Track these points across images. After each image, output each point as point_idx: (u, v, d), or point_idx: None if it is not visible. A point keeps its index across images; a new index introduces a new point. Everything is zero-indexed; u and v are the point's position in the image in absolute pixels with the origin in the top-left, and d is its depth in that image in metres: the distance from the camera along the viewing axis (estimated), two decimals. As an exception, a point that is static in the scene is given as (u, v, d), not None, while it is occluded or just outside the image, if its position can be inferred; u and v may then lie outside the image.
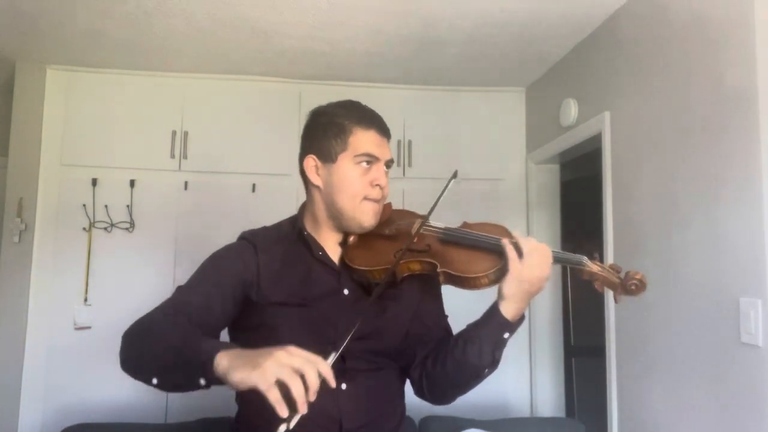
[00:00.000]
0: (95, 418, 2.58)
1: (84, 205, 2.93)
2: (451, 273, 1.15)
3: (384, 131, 1.24)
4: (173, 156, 3.01)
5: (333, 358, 0.92)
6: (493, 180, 3.22)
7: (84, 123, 2.98)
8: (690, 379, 1.87)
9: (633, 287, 1.13)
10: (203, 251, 1.28)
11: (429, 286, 1.28)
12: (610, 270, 1.16)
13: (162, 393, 2.86)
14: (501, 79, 3.16)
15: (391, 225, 1.26)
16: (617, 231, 2.35)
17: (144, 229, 2.97)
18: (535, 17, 2.41)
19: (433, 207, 1.19)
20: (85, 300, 2.89)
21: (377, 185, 1.21)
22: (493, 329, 1.16)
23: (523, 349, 3.16)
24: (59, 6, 2.36)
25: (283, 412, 0.82)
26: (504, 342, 1.17)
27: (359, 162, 1.20)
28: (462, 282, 1.16)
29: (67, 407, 2.79)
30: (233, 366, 0.87)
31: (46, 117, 2.97)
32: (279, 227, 1.31)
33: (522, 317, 1.18)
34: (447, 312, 1.36)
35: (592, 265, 1.16)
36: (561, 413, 3.13)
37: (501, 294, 1.15)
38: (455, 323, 1.31)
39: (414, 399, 1.33)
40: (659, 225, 2.05)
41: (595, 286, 1.18)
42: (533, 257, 1.12)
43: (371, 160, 1.21)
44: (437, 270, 1.16)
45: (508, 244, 1.14)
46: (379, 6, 2.33)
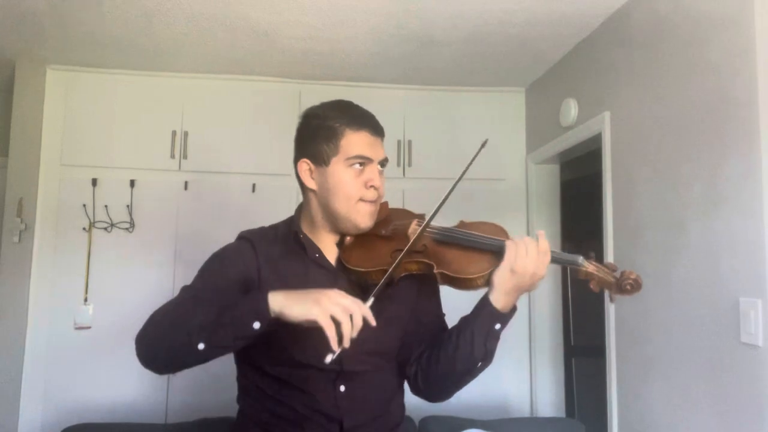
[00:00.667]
0: (95, 418, 2.59)
1: (84, 205, 2.93)
2: (448, 274, 1.15)
3: (376, 131, 1.23)
4: (173, 156, 3.01)
5: (370, 302, 1.04)
6: (493, 180, 3.21)
7: (84, 123, 2.99)
8: (690, 379, 1.87)
9: (628, 287, 1.13)
10: (203, 251, 1.29)
11: (426, 284, 1.28)
12: (605, 269, 1.16)
13: (162, 393, 2.86)
14: (501, 79, 3.16)
15: (388, 225, 1.25)
16: (617, 231, 2.35)
17: (144, 229, 2.97)
18: (535, 17, 2.41)
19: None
20: (85, 300, 2.89)
21: (372, 186, 1.20)
22: (484, 319, 1.16)
23: (523, 349, 3.17)
24: (59, 6, 2.36)
25: (335, 345, 0.95)
26: (496, 334, 1.16)
27: (352, 164, 1.19)
28: (458, 283, 1.16)
29: (67, 407, 2.79)
30: (291, 301, 0.98)
31: (46, 117, 2.97)
32: (275, 228, 1.30)
33: (514, 309, 1.17)
34: (444, 310, 1.35)
35: (588, 265, 1.16)
36: (561, 413, 3.13)
37: (491, 282, 1.14)
38: (454, 321, 1.29)
39: (414, 399, 1.33)
40: (659, 225, 2.05)
41: (591, 285, 1.18)
42: (531, 250, 1.12)
43: (364, 161, 1.20)
44: (434, 271, 1.16)
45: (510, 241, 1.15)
46: (379, 6, 2.33)
